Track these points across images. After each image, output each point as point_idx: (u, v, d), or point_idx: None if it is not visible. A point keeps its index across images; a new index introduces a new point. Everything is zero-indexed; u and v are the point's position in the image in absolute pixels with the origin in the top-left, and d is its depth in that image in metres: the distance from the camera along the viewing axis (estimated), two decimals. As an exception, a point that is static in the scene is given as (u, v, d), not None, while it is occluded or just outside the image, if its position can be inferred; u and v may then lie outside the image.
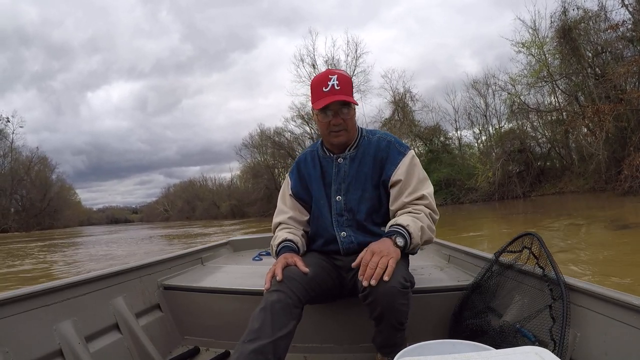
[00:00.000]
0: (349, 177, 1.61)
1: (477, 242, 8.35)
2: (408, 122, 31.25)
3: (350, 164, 1.62)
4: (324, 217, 1.63)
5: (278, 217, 1.73)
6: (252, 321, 1.26)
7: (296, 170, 1.75)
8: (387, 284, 1.24)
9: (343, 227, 1.60)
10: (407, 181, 1.54)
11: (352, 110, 1.56)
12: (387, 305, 1.28)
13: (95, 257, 10.95)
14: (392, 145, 1.61)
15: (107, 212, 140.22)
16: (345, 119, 1.55)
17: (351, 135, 1.61)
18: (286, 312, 1.29)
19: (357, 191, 1.60)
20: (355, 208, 1.59)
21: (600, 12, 20.26)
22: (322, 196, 1.65)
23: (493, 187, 24.45)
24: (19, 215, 47.10)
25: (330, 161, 1.66)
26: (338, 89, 1.51)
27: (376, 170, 1.60)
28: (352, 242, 1.58)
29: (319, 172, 1.67)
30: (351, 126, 1.58)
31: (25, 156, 49.09)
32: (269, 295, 1.32)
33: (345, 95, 1.51)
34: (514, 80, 25.68)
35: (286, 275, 1.38)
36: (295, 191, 1.72)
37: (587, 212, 12.28)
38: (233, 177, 60.33)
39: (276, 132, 41.55)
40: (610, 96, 18.85)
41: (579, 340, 1.17)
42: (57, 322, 1.40)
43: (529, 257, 1.42)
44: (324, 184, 1.66)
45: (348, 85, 1.54)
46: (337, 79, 1.52)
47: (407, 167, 1.56)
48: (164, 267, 2.11)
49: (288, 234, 1.63)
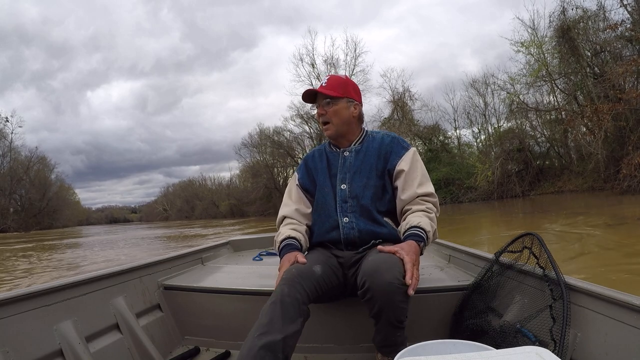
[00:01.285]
0: (354, 167, 1.70)
1: (477, 242, 8.36)
2: (407, 122, 31.26)
3: (356, 156, 1.72)
4: (327, 204, 1.69)
5: (283, 209, 1.79)
6: (262, 315, 1.27)
7: (304, 165, 1.85)
8: (385, 280, 1.26)
9: (346, 213, 1.65)
10: (411, 172, 1.63)
11: (336, 105, 1.68)
12: (385, 302, 1.28)
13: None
14: (396, 140, 1.73)
15: (106, 211, 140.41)
16: (327, 110, 1.67)
17: (340, 130, 1.71)
18: (295, 307, 1.30)
19: (362, 179, 1.67)
20: (360, 194, 1.65)
21: (599, 11, 20.29)
22: (327, 185, 1.72)
23: (492, 186, 24.47)
24: (18, 215, 46.97)
25: (336, 155, 1.77)
26: (325, 85, 1.68)
27: (380, 161, 1.69)
28: (353, 228, 1.61)
29: (325, 164, 1.77)
30: (337, 120, 1.69)
31: (25, 156, 48.99)
32: (280, 289, 1.33)
33: (327, 89, 1.66)
34: (513, 79, 25.72)
35: (298, 271, 1.40)
36: (302, 182, 1.80)
37: (586, 210, 12.29)
38: (232, 176, 60.34)
39: (275, 132, 41.54)
40: (609, 95, 18.85)
41: (580, 340, 1.17)
42: (58, 322, 1.40)
43: (530, 257, 1.42)
44: (330, 175, 1.74)
45: (336, 83, 1.68)
46: (329, 78, 1.70)
47: (410, 160, 1.65)
48: (164, 267, 2.11)
49: (291, 231, 1.66)
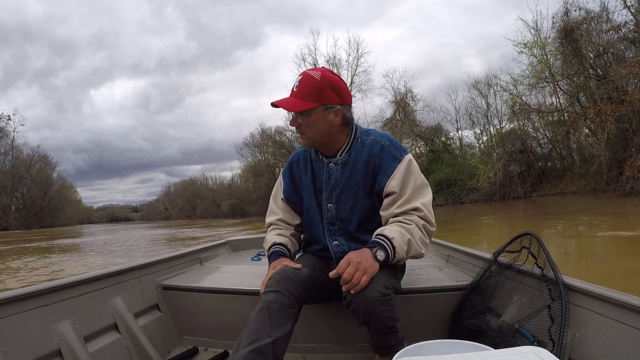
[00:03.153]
0: (340, 184, 1.52)
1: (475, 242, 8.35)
2: (409, 122, 31.23)
3: (342, 171, 1.52)
4: (315, 226, 1.60)
5: (269, 217, 1.71)
6: (250, 323, 1.26)
7: (289, 171, 1.68)
8: (365, 294, 1.24)
9: (335, 236, 1.56)
10: (401, 193, 1.44)
11: (310, 116, 1.43)
12: (368, 314, 1.28)
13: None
14: (387, 150, 1.49)
15: (108, 210, 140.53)
16: (300, 123, 1.46)
17: (319, 141, 1.50)
18: (283, 312, 1.28)
19: (349, 200, 1.52)
20: (347, 218, 1.53)
21: (602, 13, 20.32)
22: (313, 205, 1.59)
23: (494, 188, 24.44)
24: (19, 213, 47.08)
25: (321, 165, 1.56)
26: (295, 91, 1.44)
27: (368, 178, 1.50)
28: (345, 251, 1.48)
29: (310, 178, 1.59)
30: (313, 133, 1.46)
31: (26, 154, 49.09)
32: (266, 296, 1.31)
33: (297, 99, 1.42)
34: (515, 80, 25.70)
35: (282, 276, 1.37)
36: (287, 195, 1.67)
37: (588, 212, 12.26)
38: (234, 176, 60.41)
39: (277, 131, 41.62)
40: (612, 97, 18.83)
41: (578, 341, 1.16)
42: (56, 322, 1.40)
43: (528, 257, 1.42)
44: (315, 190, 1.58)
45: (309, 88, 1.42)
46: (301, 80, 1.44)
47: (402, 177, 1.44)
48: (163, 267, 2.11)
49: (277, 237, 1.61)
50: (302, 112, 1.43)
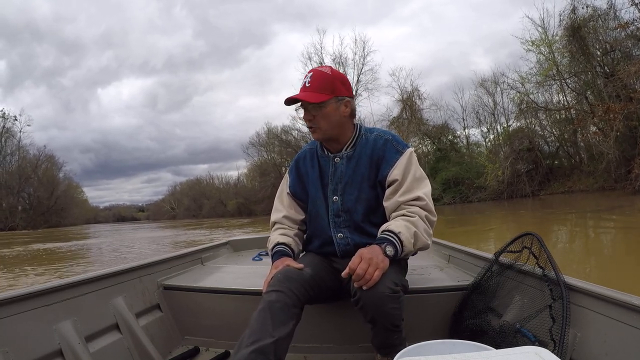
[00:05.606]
0: (345, 177, 1.59)
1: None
2: (416, 121, 31.11)
3: (347, 164, 1.59)
4: (321, 218, 1.63)
5: (274, 215, 1.74)
6: (251, 322, 1.26)
7: (295, 168, 1.74)
8: (376, 290, 1.25)
9: (340, 228, 1.59)
10: (402, 180, 1.50)
11: (325, 108, 1.51)
12: (377, 310, 1.28)
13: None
14: (389, 143, 1.57)
15: (114, 210, 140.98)
16: (314, 115, 1.53)
17: (330, 134, 1.57)
18: (285, 311, 1.29)
19: (354, 191, 1.57)
20: (353, 208, 1.57)
21: (609, 10, 20.08)
22: (319, 197, 1.63)
23: (502, 186, 24.29)
24: (26, 213, 47.42)
25: (327, 160, 1.63)
26: (308, 86, 1.51)
27: (372, 170, 1.56)
28: (349, 244, 1.57)
29: (317, 173, 1.65)
30: (326, 125, 1.54)
31: (33, 154, 49.37)
32: (268, 296, 1.32)
33: (312, 92, 1.50)
34: (522, 78, 25.53)
35: (285, 276, 1.38)
36: (293, 190, 1.72)
37: (597, 210, 12.17)
38: (240, 175, 60.40)
39: (283, 130, 41.53)
40: (620, 95, 18.66)
41: (579, 341, 1.16)
42: (57, 322, 1.41)
43: (529, 257, 1.42)
44: (322, 185, 1.64)
45: (322, 82, 1.51)
46: (313, 76, 1.52)
47: (404, 167, 1.51)
48: (164, 267, 2.11)
49: (281, 237, 1.63)
50: (318, 103, 1.51)
